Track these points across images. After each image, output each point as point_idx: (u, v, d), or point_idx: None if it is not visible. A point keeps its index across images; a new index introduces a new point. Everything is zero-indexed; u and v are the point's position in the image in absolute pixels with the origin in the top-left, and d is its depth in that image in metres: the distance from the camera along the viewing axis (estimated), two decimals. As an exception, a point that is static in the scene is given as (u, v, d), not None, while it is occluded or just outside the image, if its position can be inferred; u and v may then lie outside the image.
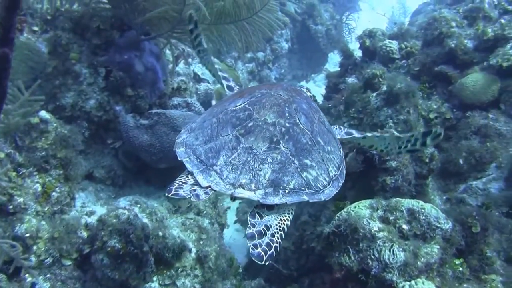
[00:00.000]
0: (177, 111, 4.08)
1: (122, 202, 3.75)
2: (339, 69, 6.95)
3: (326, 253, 3.42)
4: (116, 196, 3.98)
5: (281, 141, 2.75)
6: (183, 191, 2.54)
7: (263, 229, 2.54)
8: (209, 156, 2.74)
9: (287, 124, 2.84)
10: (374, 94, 4.67)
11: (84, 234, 3.32)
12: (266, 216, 2.63)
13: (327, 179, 2.80)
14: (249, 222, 2.57)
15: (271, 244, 2.50)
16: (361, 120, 4.69)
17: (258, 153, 2.69)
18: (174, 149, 2.89)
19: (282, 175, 2.64)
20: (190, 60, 5.34)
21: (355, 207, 3.40)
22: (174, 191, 2.52)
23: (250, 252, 2.42)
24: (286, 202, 2.58)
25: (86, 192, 3.84)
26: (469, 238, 3.19)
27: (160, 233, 3.66)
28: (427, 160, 4.03)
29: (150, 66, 4.15)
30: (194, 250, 3.94)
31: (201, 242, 4.07)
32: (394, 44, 5.84)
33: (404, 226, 3.20)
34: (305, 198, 2.64)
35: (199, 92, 6.27)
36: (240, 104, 2.96)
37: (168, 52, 4.62)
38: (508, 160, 3.96)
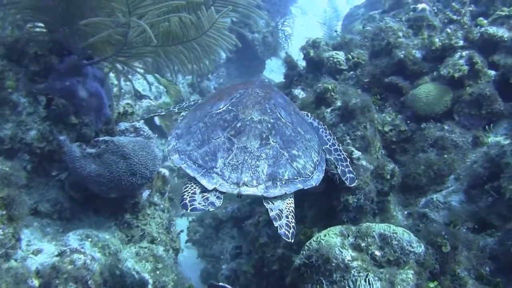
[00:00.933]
0: (126, 138, 3.89)
1: (72, 237, 3.55)
2: (283, 80, 6.95)
3: (297, 285, 3.29)
4: (64, 230, 3.75)
5: (270, 137, 3.07)
6: (198, 203, 2.76)
7: (277, 213, 2.87)
8: (206, 159, 2.97)
9: (271, 120, 3.17)
10: (329, 110, 4.62)
11: (36, 282, 3.04)
12: (275, 203, 2.93)
13: (312, 165, 3.19)
14: (267, 208, 2.89)
15: (289, 224, 2.86)
16: (316, 137, 4.63)
17: (252, 151, 2.98)
18: (168, 157, 3.12)
19: (277, 168, 2.98)
20: (130, 76, 5.05)
21: (325, 235, 3.29)
22: (191, 206, 2.73)
23: (278, 232, 2.80)
24: (285, 193, 2.94)
25: (31, 229, 3.59)
26: (440, 258, 3.20)
27: (117, 272, 3.51)
28: (388, 177, 4.03)
29: (95, 91, 3.93)
30: (151, 281, 3.81)
31: (158, 272, 3.98)
32: (341, 55, 5.89)
33: (377, 253, 3.14)
34: (300, 186, 3.01)
35: (141, 109, 6.00)
36: (223, 107, 3.23)
37: (112, 74, 4.34)
38: (466, 171, 4.07)
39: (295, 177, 3.02)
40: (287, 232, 2.81)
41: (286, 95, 6.45)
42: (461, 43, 4.70)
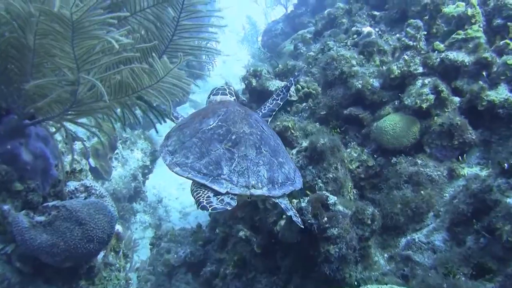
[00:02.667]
0: (79, 201, 3.62)
1: (21, 317, 3.10)
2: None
3: None
4: (14, 308, 3.31)
5: (261, 146, 3.65)
6: (216, 204, 3.19)
7: (286, 206, 3.49)
8: (211, 168, 3.44)
9: (258, 132, 3.76)
10: (294, 151, 4.46)
11: None
12: (281, 200, 3.52)
13: (292, 170, 3.77)
14: (280, 203, 3.47)
15: (297, 214, 3.56)
16: (283, 183, 4.42)
17: (252, 158, 3.53)
18: (171, 170, 3.55)
19: (273, 173, 3.55)
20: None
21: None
22: (211, 206, 3.14)
23: (293, 219, 3.42)
24: (284, 193, 3.54)
25: (-24, 313, 3.15)
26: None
27: None
28: (369, 222, 3.92)
29: (39, 152, 3.67)
30: None
31: None
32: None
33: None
34: (291, 188, 3.62)
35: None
36: (213, 123, 3.75)
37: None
38: (445, 208, 4.08)
39: (286, 181, 3.61)
40: (299, 219, 3.50)
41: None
42: (420, 69, 4.77)
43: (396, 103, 4.85)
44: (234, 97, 4.63)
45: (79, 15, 2.93)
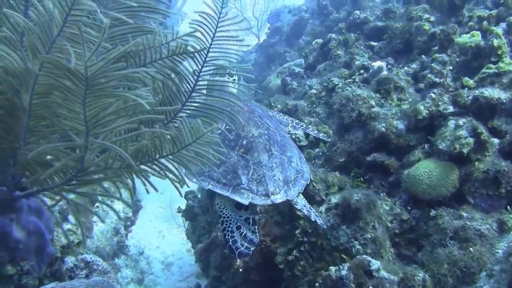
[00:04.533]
0: (81, 282, 3.30)
1: None
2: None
3: None
4: None
5: (271, 147, 3.94)
6: (241, 246, 3.63)
7: (308, 210, 3.85)
8: (229, 178, 3.71)
9: (265, 132, 4.02)
10: (322, 209, 4.23)
11: None
12: (298, 202, 3.88)
13: (299, 159, 4.13)
14: (299, 209, 3.88)
15: (317, 214, 3.91)
16: (314, 245, 4.17)
17: (266, 164, 3.82)
18: (189, 180, 3.48)
19: (285, 172, 3.88)
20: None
21: None
22: (238, 252, 3.60)
23: (318, 223, 3.83)
24: (299, 192, 3.90)
25: None
26: None
27: None
28: (420, 290, 3.72)
29: (33, 228, 3.36)
30: None
31: None
32: (299, 131, 5.60)
33: None
34: (303, 182, 4.01)
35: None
36: (221, 128, 3.82)
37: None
38: (500, 266, 3.91)
39: (297, 176, 3.96)
40: (321, 220, 3.87)
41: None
42: (450, 109, 4.65)
43: (425, 147, 4.71)
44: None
45: (94, 70, 2.67)
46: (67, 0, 2.69)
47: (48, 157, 3.11)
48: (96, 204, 8.31)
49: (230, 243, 3.62)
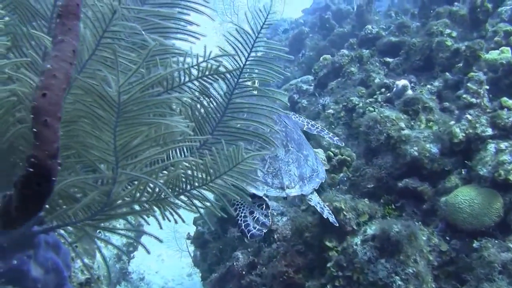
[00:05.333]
0: None
1: None
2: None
3: None
4: None
5: (288, 144, 4.09)
6: (253, 228, 3.73)
7: (321, 207, 4.01)
8: None
9: (282, 128, 4.18)
10: (358, 241, 4.06)
11: None
12: (312, 198, 4.03)
13: (314, 160, 4.23)
14: (312, 205, 4.00)
15: (330, 212, 4.09)
16: (349, 280, 3.99)
17: (282, 158, 3.96)
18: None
19: (301, 169, 4.01)
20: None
21: None
22: (249, 234, 3.71)
23: (330, 220, 4.00)
24: (314, 189, 4.02)
25: None
26: None
27: None
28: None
29: (51, 265, 3.09)
30: None
31: None
32: (320, 153, 5.44)
33: None
34: (318, 180, 4.10)
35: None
36: None
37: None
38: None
39: (313, 174, 4.08)
40: (333, 217, 4.04)
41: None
42: (489, 131, 4.50)
43: (463, 172, 4.56)
44: None
45: (128, 96, 2.50)
46: (100, 21, 2.54)
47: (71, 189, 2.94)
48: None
49: (243, 227, 3.72)
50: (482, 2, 6.64)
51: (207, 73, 3.53)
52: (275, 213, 5.55)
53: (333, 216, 4.09)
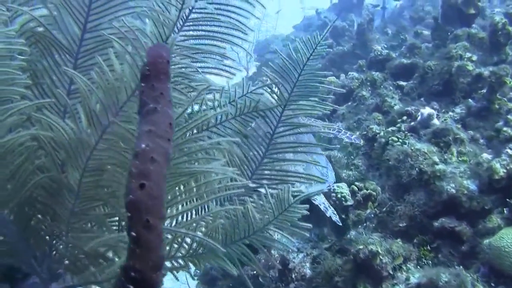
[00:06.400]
0: None
1: None
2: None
3: None
4: None
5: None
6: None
7: (325, 206, 4.39)
8: None
9: None
10: (401, 290, 3.88)
11: None
12: (317, 198, 4.37)
13: (327, 165, 4.55)
14: (314, 200, 4.34)
15: (335, 212, 4.46)
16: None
17: (289, 158, 3.56)
18: None
19: (308, 170, 3.90)
20: None
21: None
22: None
23: (333, 219, 4.46)
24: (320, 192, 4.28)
25: None
26: None
27: None
28: None
29: None
30: None
31: None
32: (344, 188, 5.26)
33: None
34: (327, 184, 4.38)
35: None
36: None
37: None
38: None
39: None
40: (337, 218, 4.38)
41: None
42: (533, 167, 4.42)
43: (505, 211, 4.42)
44: None
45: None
46: (143, 57, 2.34)
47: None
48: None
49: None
50: (504, 25, 6.58)
51: (245, 110, 3.36)
52: (290, 250, 5.34)
53: (337, 216, 4.39)
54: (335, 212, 4.29)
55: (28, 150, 2.46)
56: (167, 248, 2.79)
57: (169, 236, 2.72)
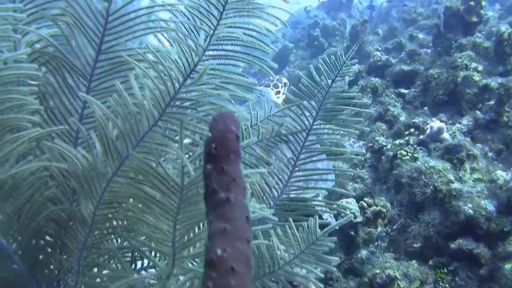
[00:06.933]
0: None
1: None
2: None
3: None
4: None
5: None
6: None
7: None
8: None
9: None
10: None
11: None
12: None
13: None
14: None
15: (332, 215, 4.13)
16: None
17: None
18: None
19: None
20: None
21: None
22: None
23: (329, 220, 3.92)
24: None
25: None
26: None
27: None
28: None
29: None
30: None
31: None
32: (353, 204, 5.09)
33: None
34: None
35: None
36: None
37: None
38: None
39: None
40: (333, 218, 4.05)
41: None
42: (554, 188, 4.30)
43: (524, 233, 4.31)
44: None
45: (193, 178, 2.08)
46: (168, 87, 2.15)
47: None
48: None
49: None
50: (510, 35, 6.50)
51: (268, 136, 3.18)
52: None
53: (334, 219, 4.00)
54: (331, 215, 4.01)
55: (39, 181, 2.25)
56: (188, 284, 2.59)
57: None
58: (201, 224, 2.35)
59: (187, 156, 2.16)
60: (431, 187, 4.60)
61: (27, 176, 2.15)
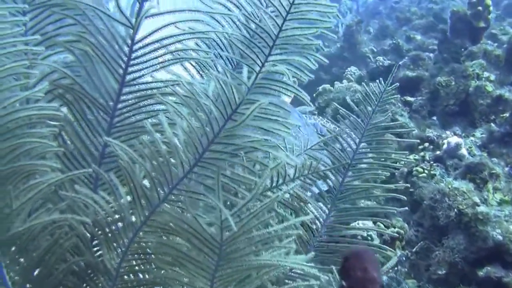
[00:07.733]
0: None
1: None
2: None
3: None
4: None
5: None
6: None
7: None
8: None
9: None
10: None
11: None
12: None
13: None
14: None
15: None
16: None
17: None
18: None
19: None
20: None
21: None
22: None
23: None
24: None
25: None
26: None
27: None
28: None
29: None
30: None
31: None
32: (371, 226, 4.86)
33: None
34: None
35: None
36: None
37: None
38: None
39: None
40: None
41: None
42: None
43: (559, 261, 4.13)
44: None
45: (233, 233, 1.81)
46: (207, 132, 1.89)
47: None
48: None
49: None
50: (523, 43, 6.32)
51: (305, 171, 2.91)
52: None
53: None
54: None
55: (58, 231, 2.00)
56: None
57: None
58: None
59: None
60: (455, 210, 4.37)
61: (45, 226, 1.90)
